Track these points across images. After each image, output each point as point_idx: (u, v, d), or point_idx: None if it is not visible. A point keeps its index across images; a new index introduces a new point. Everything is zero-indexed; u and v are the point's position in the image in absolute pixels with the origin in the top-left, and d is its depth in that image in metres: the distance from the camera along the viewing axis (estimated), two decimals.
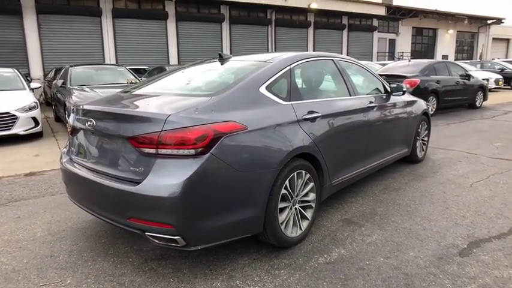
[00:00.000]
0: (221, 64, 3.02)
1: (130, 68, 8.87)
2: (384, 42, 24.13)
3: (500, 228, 2.83)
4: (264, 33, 19.36)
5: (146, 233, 2.05)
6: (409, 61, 9.51)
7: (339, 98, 3.16)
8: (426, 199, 3.46)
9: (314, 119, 2.70)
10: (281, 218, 2.42)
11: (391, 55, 24.38)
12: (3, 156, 5.44)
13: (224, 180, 2.07)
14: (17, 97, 6.55)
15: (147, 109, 2.19)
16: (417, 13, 23.97)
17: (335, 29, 21.80)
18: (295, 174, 2.49)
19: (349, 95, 3.29)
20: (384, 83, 3.94)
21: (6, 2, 12.96)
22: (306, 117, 2.63)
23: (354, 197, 3.53)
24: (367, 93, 3.67)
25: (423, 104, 4.67)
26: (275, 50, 19.48)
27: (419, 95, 5.66)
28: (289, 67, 2.75)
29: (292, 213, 2.54)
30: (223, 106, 2.21)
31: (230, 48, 18.19)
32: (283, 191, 2.40)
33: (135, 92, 2.84)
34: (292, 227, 2.53)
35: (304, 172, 2.57)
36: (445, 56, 26.52)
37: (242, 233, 2.25)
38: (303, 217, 2.65)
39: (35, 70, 13.79)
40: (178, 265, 2.36)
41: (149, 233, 2.04)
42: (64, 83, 7.15)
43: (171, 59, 16.59)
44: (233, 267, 2.33)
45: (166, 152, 1.98)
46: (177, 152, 1.98)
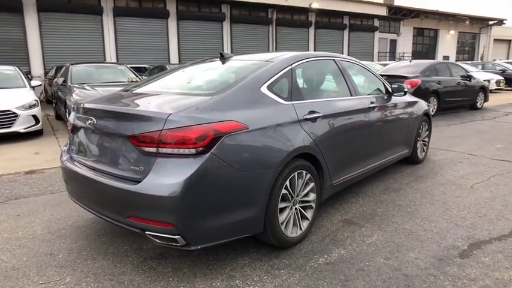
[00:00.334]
0: (222, 63, 3.02)
1: (131, 67, 8.86)
2: (385, 42, 24.09)
3: (500, 229, 2.83)
4: (265, 32, 19.34)
5: (146, 232, 2.05)
6: (410, 61, 9.49)
7: (340, 98, 3.15)
8: (427, 200, 3.46)
9: (315, 119, 2.69)
10: (281, 218, 2.41)
11: (392, 55, 24.35)
12: (3, 154, 5.43)
13: (224, 179, 2.07)
14: (18, 95, 6.55)
15: (148, 108, 2.19)
16: (418, 13, 23.93)
17: (336, 29, 21.77)
18: (295, 174, 2.48)
19: (350, 95, 3.28)
20: (385, 84, 3.93)
21: (7, 0, 12.95)
22: (307, 117, 2.62)
23: (354, 198, 3.52)
24: (368, 93, 3.66)
25: (424, 105, 4.66)
26: (276, 50, 19.47)
27: (420, 96, 5.64)
28: (290, 67, 2.74)
29: (292, 213, 2.54)
30: (224, 105, 2.20)
31: (231, 47, 18.17)
32: (283, 191, 2.39)
33: (136, 91, 2.83)
34: (292, 227, 2.53)
35: (304, 172, 2.57)
36: (446, 57, 26.49)
37: (242, 233, 2.24)
38: (303, 217, 2.64)
39: (36, 68, 13.79)
40: (178, 264, 2.36)
41: (149, 232, 2.04)
42: (65, 81, 7.15)
43: (172, 58, 16.58)
44: (233, 267, 2.32)
45: (166, 151, 1.98)
46: (178, 151, 1.97)
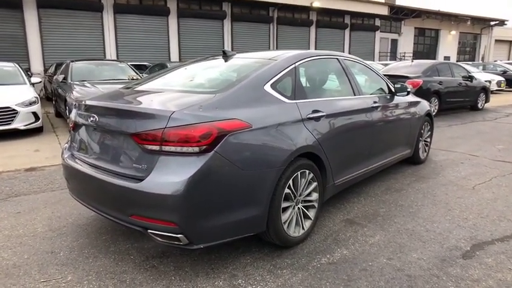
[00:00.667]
0: (225, 61, 3.00)
1: (131, 64, 8.83)
2: (386, 42, 24.07)
3: (503, 231, 2.82)
4: (266, 31, 19.31)
5: (149, 231, 2.03)
6: (412, 61, 9.48)
7: (344, 98, 3.14)
8: (428, 200, 3.45)
9: (318, 118, 2.68)
10: (284, 218, 2.40)
11: (393, 55, 24.33)
12: (3, 151, 5.41)
13: (228, 178, 2.05)
14: (18, 92, 6.52)
15: (151, 105, 2.17)
16: (420, 13, 23.90)
17: (337, 28, 21.75)
18: (298, 173, 2.47)
19: (353, 95, 3.27)
20: (388, 83, 3.92)
21: None
22: (311, 116, 2.61)
23: (356, 198, 3.51)
24: (371, 93, 3.65)
25: (426, 105, 4.65)
26: (277, 48, 19.43)
27: (421, 96, 5.61)
28: (294, 65, 2.72)
29: (295, 212, 2.53)
30: (227, 104, 2.18)
31: (232, 45, 18.13)
32: (286, 190, 2.38)
33: (138, 88, 2.81)
34: (295, 227, 2.52)
35: (307, 172, 2.55)
36: (447, 57, 26.48)
37: (245, 232, 2.23)
38: (306, 217, 2.63)
39: (36, 65, 13.74)
40: (179, 263, 2.35)
41: (152, 231, 2.02)
42: (65, 78, 7.11)
43: (172, 56, 16.55)
44: (235, 266, 2.31)
45: (169, 149, 1.96)
46: (181, 150, 1.95)
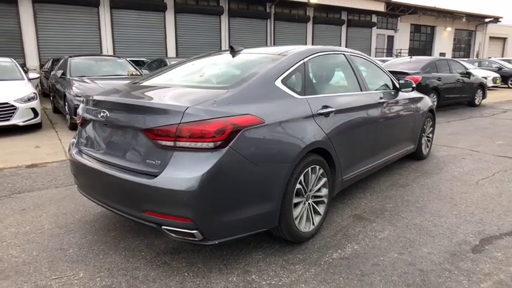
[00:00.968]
0: (233, 56, 2.98)
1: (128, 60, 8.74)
2: (383, 38, 24.12)
3: (509, 225, 2.84)
4: (263, 26, 19.24)
5: (163, 227, 2.02)
6: (411, 58, 9.51)
7: (351, 93, 3.14)
8: (434, 196, 3.47)
9: (328, 114, 2.67)
10: (295, 213, 2.40)
11: (390, 52, 24.39)
12: (2, 147, 5.35)
13: (242, 174, 2.04)
14: (16, 87, 6.44)
15: (163, 101, 2.14)
16: (416, 10, 23.96)
17: (334, 24, 21.73)
18: (309, 169, 2.47)
19: (360, 90, 3.27)
20: (393, 79, 3.92)
21: None
22: (321, 111, 2.60)
23: (362, 193, 3.52)
24: (376, 88, 3.65)
25: (429, 101, 4.67)
26: (274, 44, 19.37)
27: (420, 92, 5.64)
28: (303, 61, 2.71)
29: (305, 208, 2.53)
30: (240, 99, 2.17)
31: (229, 41, 18.05)
32: (297, 186, 2.38)
33: (146, 84, 2.79)
34: (305, 222, 2.52)
35: (318, 167, 2.55)
36: (443, 54, 26.61)
37: (258, 228, 2.23)
38: (316, 212, 2.64)
39: (31, 60, 13.57)
40: (191, 259, 2.34)
41: (166, 227, 2.01)
42: (64, 74, 7.03)
43: (169, 52, 16.43)
44: (247, 261, 2.31)
45: (184, 145, 1.95)
46: (195, 145, 1.94)
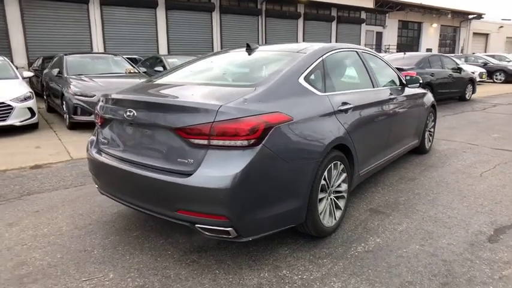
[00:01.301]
0: (249, 54, 2.98)
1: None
2: (372, 34, 24.38)
3: None
4: (255, 23, 19.20)
5: (196, 225, 2.03)
6: (404, 54, 9.66)
7: (366, 90, 3.19)
8: (442, 188, 3.56)
9: (347, 110, 2.72)
10: (320, 209, 2.44)
11: (378, 48, 24.67)
12: (1, 148, 5.23)
13: (274, 171, 2.07)
14: (11, 86, 6.27)
15: (194, 99, 2.14)
16: (403, 6, 24.32)
17: (324, 21, 21.85)
18: (332, 165, 2.51)
19: (372, 87, 3.33)
20: (399, 75, 4.00)
21: None
22: (341, 108, 2.64)
23: (374, 187, 3.59)
24: (385, 84, 3.71)
25: (431, 97, 4.77)
26: (266, 41, 19.38)
27: None
28: (321, 58, 2.75)
29: (328, 203, 2.57)
30: (268, 96, 2.19)
31: (220, 38, 17.97)
32: (322, 182, 2.42)
33: (166, 82, 2.77)
34: (328, 217, 2.56)
35: (339, 163, 2.60)
36: (429, 49, 27.08)
37: (287, 224, 2.26)
38: (337, 207, 2.68)
39: (19, 58, 13.19)
40: (219, 256, 2.35)
41: (200, 225, 2.02)
42: (60, 72, 6.88)
43: (161, 49, 16.24)
44: (275, 257, 2.34)
45: (218, 143, 1.96)
46: (229, 143, 1.95)
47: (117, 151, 2.42)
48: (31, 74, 7.28)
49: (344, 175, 2.70)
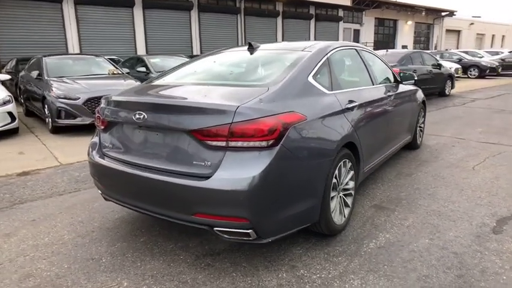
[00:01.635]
0: (252, 53, 2.95)
1: None
2: (349, 32, 24.78)
3: None
4: (234, 22, 19.09)
5: (215, 228, 1.98)
6: (387, 51, 9.86)
7: (367, 87, 3.23)
8: (440, 183, 3.66)
9: (353, 108, 2.73)
10: (331, 207, 2.45)
11: None
12: None
13: (292, 171, 2.05)
14: None
15: (209, 100, 2.09)
16: (380, 4, 24.82)
17: (303, 19, 22.02)
18: (341, 162, 2.52)
19: (372, 84, 3.37)
20: (394, 72, 4.07)
21: None
22: (348, 106, 2.66)
23: (374, 184, 3.64)
24: (380, 82, 3.76)
25: (421, 93, 4.89)
26: (245, 39, 19.30)
27: None
28: (326, 56, 2.75)
29: (338, 201, 2.58)
30: (282, 96, 2.17)
31: (199, 36, 17.76)
32: (333, 180, 2.42)
33: (172, 83, 2.69)
34: (338, 215, 2.57)
35: (347, 161, 2.61)
36: (405, 46, 27.82)
37: (303, 223, 2.25)
38: (345, 205, 2.70)
39: None
40: (234, 259, 2.32)
41: (218, 228, 1.98)
42: (40, 75, 6.59)
43: (139, 49, 15.87)
44: (290, 257, 2.33)
45: (236, 145, 1.92)
46: (248, 144, 1.92)
47: (124, 155, 2.34)
48: (8, 77, 6.94)
49: (352, 173, 2.72)
